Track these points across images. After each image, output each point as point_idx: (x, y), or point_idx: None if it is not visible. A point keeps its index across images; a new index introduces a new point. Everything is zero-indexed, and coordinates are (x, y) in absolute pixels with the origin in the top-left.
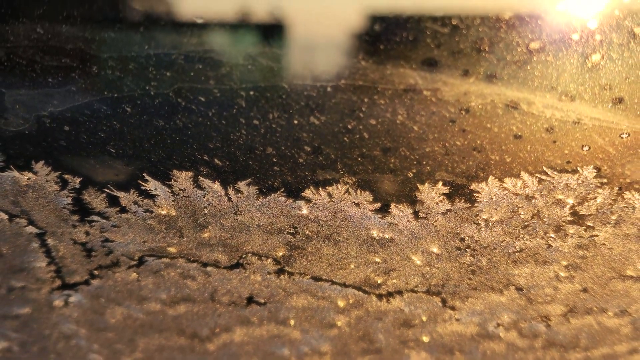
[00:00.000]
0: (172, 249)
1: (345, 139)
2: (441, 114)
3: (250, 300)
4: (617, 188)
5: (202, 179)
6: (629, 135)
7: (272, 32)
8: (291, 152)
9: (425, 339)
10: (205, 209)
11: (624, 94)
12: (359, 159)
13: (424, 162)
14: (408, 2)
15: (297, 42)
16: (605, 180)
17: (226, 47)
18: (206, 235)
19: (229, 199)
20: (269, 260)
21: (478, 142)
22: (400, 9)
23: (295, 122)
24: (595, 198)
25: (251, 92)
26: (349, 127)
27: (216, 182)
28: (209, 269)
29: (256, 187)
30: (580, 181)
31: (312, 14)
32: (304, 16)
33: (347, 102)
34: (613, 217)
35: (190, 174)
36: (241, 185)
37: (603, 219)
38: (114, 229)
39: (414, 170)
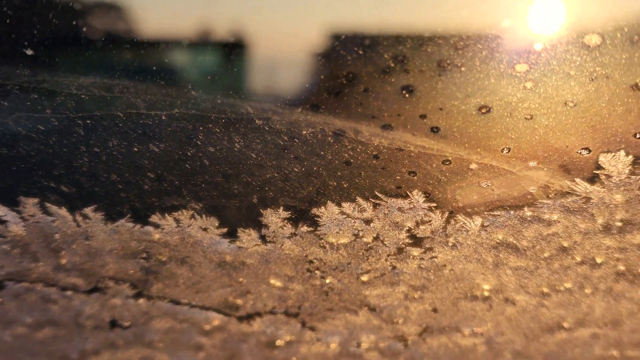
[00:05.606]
0: (30, 274)
1: (187, 165)
2: (275, 142)
3: (113, 323)
4: (448, 212)
5: (49, 205)
6: (450, 162)
7: (103, 61)
8: (135, 178)
9: None
10: (57, 235)
11: (440, 122)
12: (203, 185)
13: (266, 188)
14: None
15: (127, 71)
16: (435, 205)
17: (59, 77)
18: (60, 260)
19: (78, 225)
20: (126, 284)
21: (314, 168)
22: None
23: (136, 149)
24: (429, 222)
25: (88, 121)
26: (189, 154)
27: (63, 208)
28: (68, 293)
29: (103, 213)
30: (411, 205)
31: (145, 41)
32: (136, 46)
33: (183, 130)
34: (450, 240)
35: (37, 200)
36: (88, 211)
37: (440, 241)
38: None
39: (257, 196)
